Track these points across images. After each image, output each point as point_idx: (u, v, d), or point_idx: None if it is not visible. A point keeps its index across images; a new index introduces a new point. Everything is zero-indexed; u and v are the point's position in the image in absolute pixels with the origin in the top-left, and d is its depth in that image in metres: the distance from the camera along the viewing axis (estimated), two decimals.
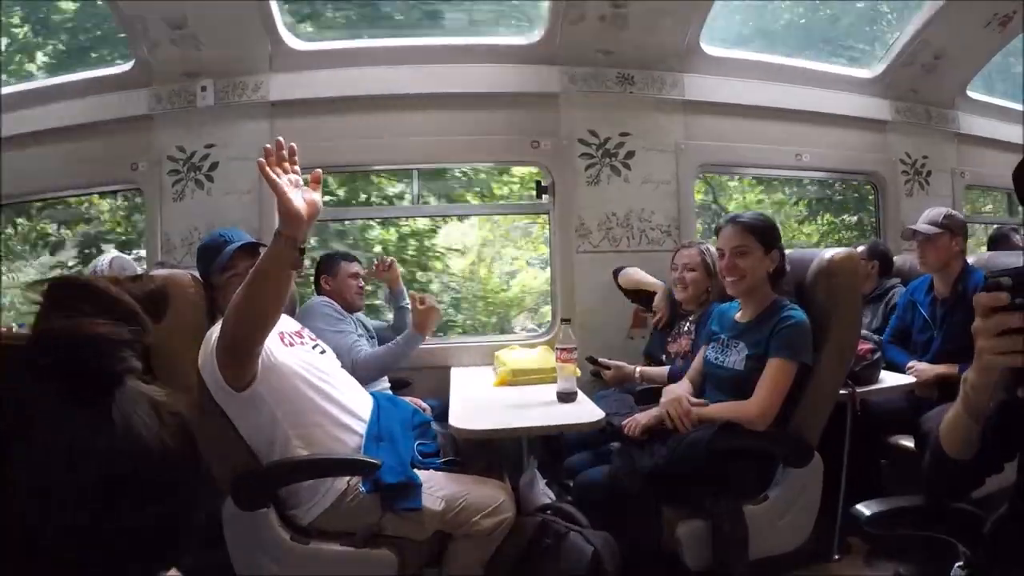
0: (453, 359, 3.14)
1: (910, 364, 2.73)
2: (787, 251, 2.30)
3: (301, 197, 1.60)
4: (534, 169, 3.47)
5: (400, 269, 3.16)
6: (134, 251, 3.84)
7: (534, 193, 3.33)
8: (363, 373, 2.55)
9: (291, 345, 2.02)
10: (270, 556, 1.90)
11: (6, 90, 3.33)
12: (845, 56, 3.85)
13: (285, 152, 1.64)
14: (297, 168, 1.64)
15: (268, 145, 1.62)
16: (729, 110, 3.46)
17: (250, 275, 1.66)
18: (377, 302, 3.81)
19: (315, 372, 1.99)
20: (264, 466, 1.91)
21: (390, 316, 3.23)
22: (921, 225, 2.82)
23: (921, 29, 3.55)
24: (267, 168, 1.59)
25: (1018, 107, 4.27)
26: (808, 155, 3.61)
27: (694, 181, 3.49)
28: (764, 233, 2.19)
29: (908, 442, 2.63)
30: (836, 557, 2.47)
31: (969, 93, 4.08)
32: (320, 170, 1.72)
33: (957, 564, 1.24)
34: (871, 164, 3.84)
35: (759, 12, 3.70)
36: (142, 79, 3.23)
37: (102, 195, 4.12)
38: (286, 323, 2.12)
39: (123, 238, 4.29)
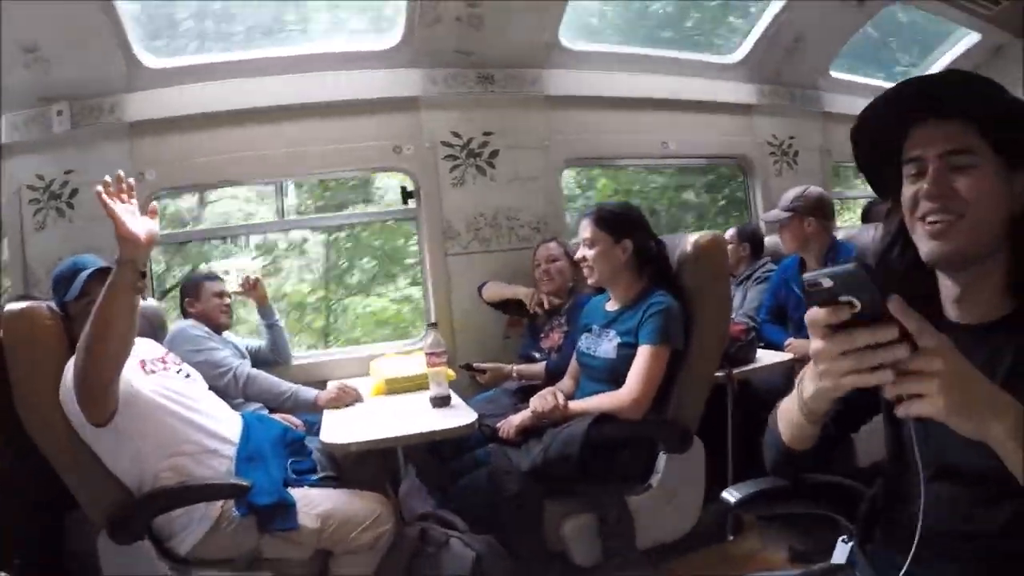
0: (330, 372, 3.10)
1: (788, 341, 2.80)
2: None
3: (137, 223, 1.64)
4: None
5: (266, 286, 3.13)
6: None
7: None
8: (253, 392, 2.59)
9: (152, 372, 1.99)
10: None
11: None
12: (704, 44, 3.93)
13: (124, 186, 1.69)
14: (134, 200, 1.69)
15: (107, 178, 1.68)
16: (593, 103, 3.50)
17: (96, 305, 1.66)
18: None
19: (178, 398, 1.96)
20: (135, 498, 1.87)
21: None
22: (768, 213, 2.94)
23: (780, 12, 3.65)
24: (103, 196, 1.64)
25: (881, 83, 4.42)
26: (674, 143, 3.69)
27: (561, 176, 3.52)
28: (612, 223, 2.21)
29: None
30: (731, 537, 2.50)
31: (832, 73, 4.21)
32: (156, 203, 1.87)
33: (841, 538, 1.23)
34: (738, 148, 3.94)
35: (620, 5, 3.74)
36: None
37: None
38: (148, 349, 2.09)
39: None
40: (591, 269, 2.22)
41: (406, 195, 3.26)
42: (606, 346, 2.21)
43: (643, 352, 2.09)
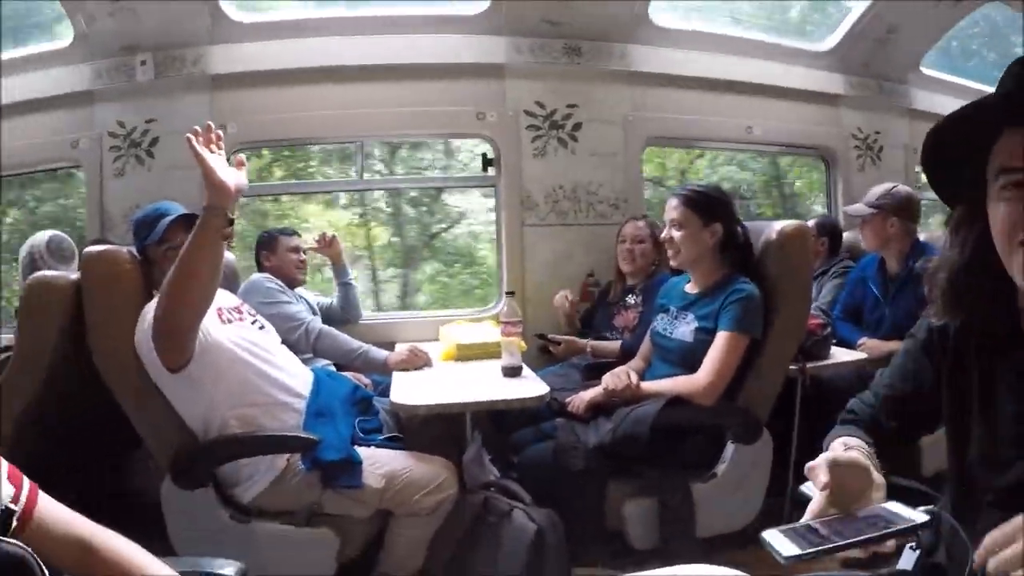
0: (399, 334, 3.09)
1: (861, 340, 2.72)
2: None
3: (227, 171, 1.68)
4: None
5: (343, 245, 3.12)
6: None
7: None
8: (323, 348, 2.58)
9: (229, 322, 1.99)
10: (209, 535, 1.87)
11: None
12: (796, 30, 3.83)
13: (213, 136, 1.73)
14: (223, 150, 1.74)
15: (197, 127, 1.72)
16: (678, 82, 3.42)
17: (182, 251, 1.68)
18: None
19: (253, 349, 1.96)
20: (202, 444, 1.89)
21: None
22: (852, 207, 2.85)
23: (875, 3, 3.54)
24: (194, 142, 1.67)
25: (972, 84, 4.27)
26: (759, 128, 3.59)
27: (642, 154, 3.45)
28: (703, 206, 2.17)
29: None
30: None
31: (922, 69, 4.07)
32: (243, 155, 1.86)
33: (908, 545, 1.22)
34: (823, 138, 3.83)
35: None
36: (81, 54, 3.15)
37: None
38: (224, 299, 2.09)
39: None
40: (677, 251, 2.18)
41: (486, 162, 3.22)
42: (683, 329, 2.19)
43: (721, 338, 2.07)
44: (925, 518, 0.72)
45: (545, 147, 3.23)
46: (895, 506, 0.77)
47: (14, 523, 0.81)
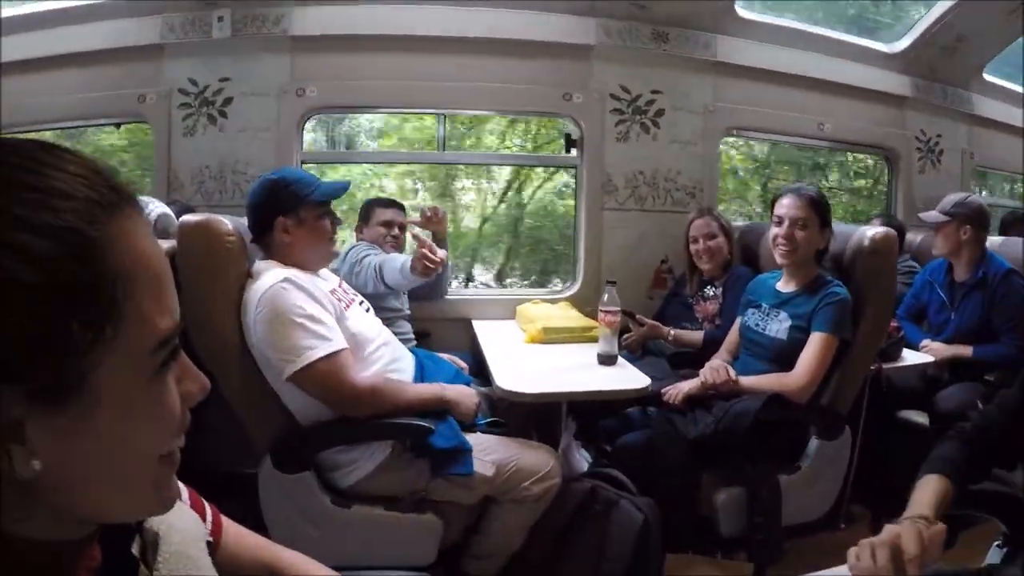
0: (474, 311, 3.08)
1: (924, 343, 2.81)
2: None
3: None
4: None
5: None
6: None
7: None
8: (386, 273, 2.43)
9: (347, 307, 1.93)
10: (309, 520, 1.83)
11: (7, 11, 3.13)
12: (869, 27, 3.84)
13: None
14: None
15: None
16: (757, 75, 3.43)
17: (412, 393, 1.87)
18: None
19: (367, 336, 1.92)
20: (309, 429, 1.84)
21: None
22: (927, 214, 2.91)
23: (948, 11, 3.57)
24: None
25: None
26: (830, 125, 3.62)
27: (720, 143, 3.47)
28: (823, 209, 2.21)
29: (921, 418, 2.71)
30: (843, 526, 2.48)
31: (985, 76, 4.13)
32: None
33: (996, 543, 1.29)
34: (888, 139, 3.87)
35: None
36: (154, 6, 3.05)
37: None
38: (328, 277, 2.02)
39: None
40: (795, 249, 2.19)
41: (569, 143, 3.20)
42: (776, 326, 2.23)
43: (816, 339, 2.12)
44: None
45: (628, 132, 3.22)
46: None
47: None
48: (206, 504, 0.76)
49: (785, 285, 2.28)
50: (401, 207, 2.92)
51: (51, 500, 0.45)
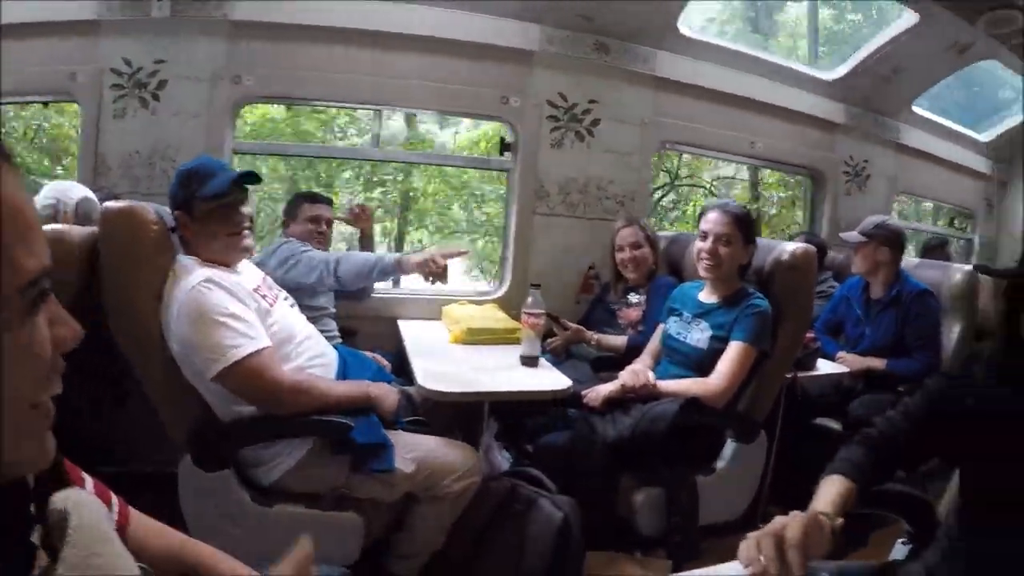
0: (401, 311, 3.09)
1: (840, 354, 2.93)
2: None
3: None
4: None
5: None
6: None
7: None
8: (345, 271, 2.41)
9: (272, 304, 1.91)
10: (229, 518, 1.80)
11: None
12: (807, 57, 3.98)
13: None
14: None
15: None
16: (695, 91, 3.52)
17: (334, 391, 1.86)
18: None
19: (290, 333, 1.92)
20: (230, 425, 1.81)
21: None
22: (847, 234, 3.04)
23: (887, 43, 3.72)
24: None
25: (954, 126, 4.54)
26: (762, 144, 3.75)
27: (653, 156, 3.54)
28: (748, 226, 2.29)
29: (835, 425, 2.84)
30: (760, 525, 2.56)
31: (915, 108, 4.30)
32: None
33: (900, 540, 1.38)
34: (817, 161, 4.02)
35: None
36: None
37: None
38: (253, 275, 1.99)
39: None
40: (719, 263, 2.26)
41: (504, 147, 3.23)
42: (697, 335, 2.29)
43: (735, 348, 2.19)
44: None
45: (563, 139, 3.26)
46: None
47: None
48: (112, 494, 0.76)
49: (707, 296, 2.34)
50: (329, 202, 2.89)
51: None
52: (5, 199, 0.48)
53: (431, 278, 2.31)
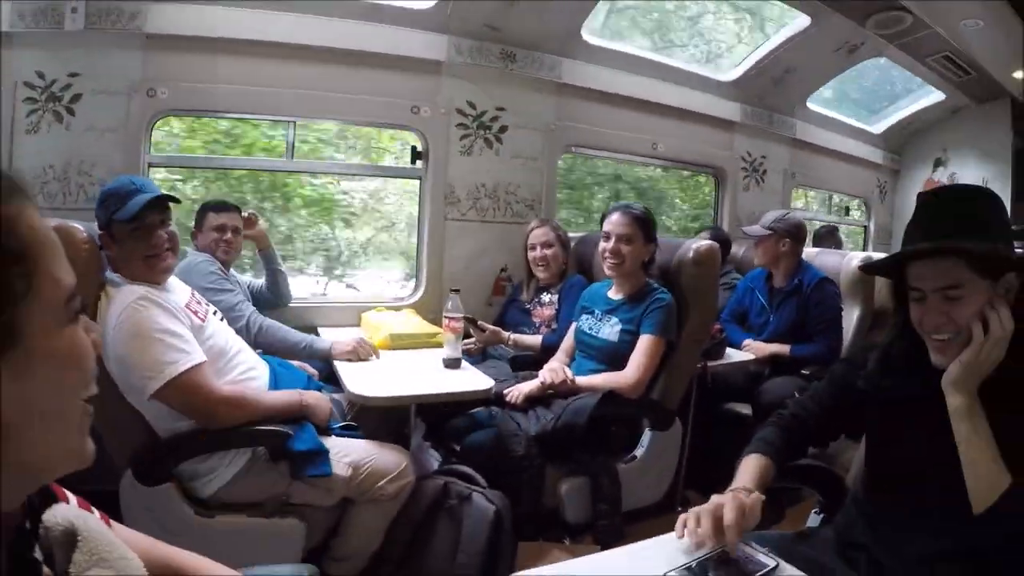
0: (320, 318, 3.16)
1: (746, 342, 3.14)
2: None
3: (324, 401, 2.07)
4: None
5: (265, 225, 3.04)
6: None
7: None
8: (265, 342, 2.49)
9: (203, 320, 1.95)
10: (173, 532, 1.73)
11: None
12: (705, 58, 4.21)
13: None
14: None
15: None
16: (597, 96, 3.71)
17: (267, 400, 1.93)
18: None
19: (223, 348, 1.97)
20: (167, 440, 1.85)
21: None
22: (750, 228, 3.25)
23: (780, 46, 3.97)
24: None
25: (848, 120, 4.86)
26: (663, 145, 3.97)
27: (559, 160, 3.72)
28: (648, 225, 2.46)
29: (745, 409, 3.05)
30: (679, 509, 2.74)
31: (808, 104, 4.59)
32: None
33: (814, 511, 1.59)
34: (716, 159, 4.28)
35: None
36: None
37: None
38: (182, 292, 2.01)
39: None
40: (622, 262, 2.44)
41: (415, 155, 3.36)
42: (608, 330, 2.48)
43: (645, 341, 2.38)
44: (774, 563, 1.03)
45: (472, 146, 3.41)
46: (750, 548, 1.07)
47: None
48: (93, 510, 0.78)
49: (615, 293, 2.52)
50: (236, 209, 2.87)
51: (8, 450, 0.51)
52: (38, 229, 0.56)
53: (363, 358, 2.49)
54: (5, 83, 2.94)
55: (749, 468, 1.28)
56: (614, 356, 2.43)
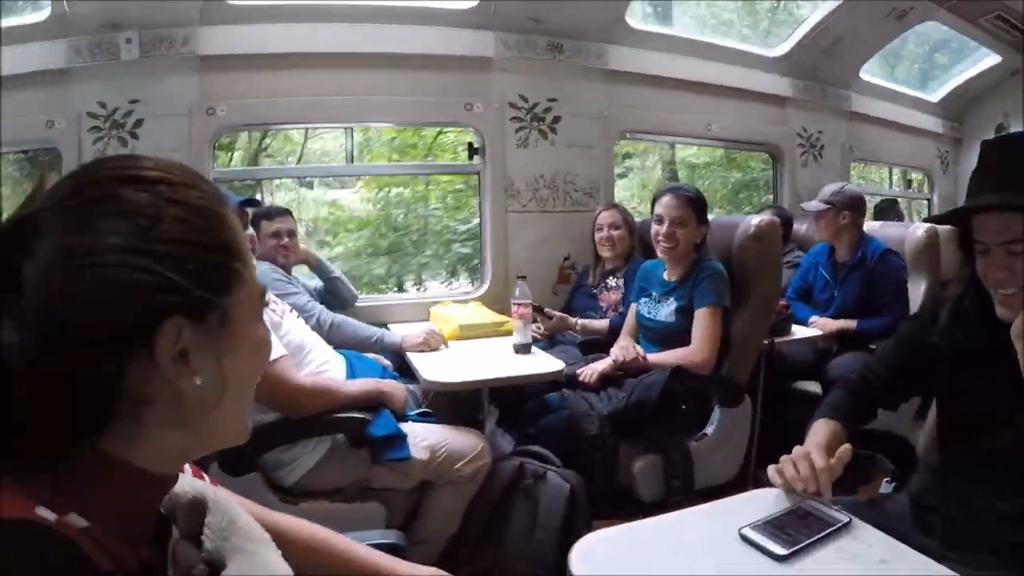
0: (388, 315, 3.18)
1: (812, 319, 3.05)
2: (714, 217, 2.55)
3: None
4: None
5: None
6: None
7: None
8: (338, 337, 2.52)
9: (281, 317, 2.02)
10: None
11: None
12: (753, 36, 4.15)
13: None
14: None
15: None
16: (647, 80, 3.68)
17: (345, 388, 1.98)
18: None
19: (301, 345, 2.02)
20: (253, 430, 1.88)
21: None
22: (808, 203, 3.18)
23: (826, 17, 3.90)
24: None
25: (903, 90, 4.73)
26: (717, 126, 3.91)
27: (615, 146, 3.69)
28: (700, 207, 2.43)
29: (814, 387, 2.94)
30: (751, 488, 2.68)
31: (862, 75, 4.48)
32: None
33: (886, 480, 1.53)
34: (772, 136, 4.19)
35: None
36: (59, 29, 3.04)
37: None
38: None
39: None
40: (676, 244, 2.40)
41: (472, 151, 3.37)
42: (665, 311, 2.46)
43: (700, 315, 2.34)
44: (847, 519, 1.01)
45: (527, 138, 3.41)
46: (817, 503, 1.06)
47: None
48: (204, 475, 0.82)
49: (670, 275, 2.49)
50: (287, 212, 2.94)
51: (189, 418, 0.58)
52: (240, 230, 0.62)
53: (434, 349, 2.53)
54: (70, 115, 3.07)
55: (819, 432, 1.26)
56: (674, 336, 2.41)
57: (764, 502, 1.09)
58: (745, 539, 0.97)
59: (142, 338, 0.53)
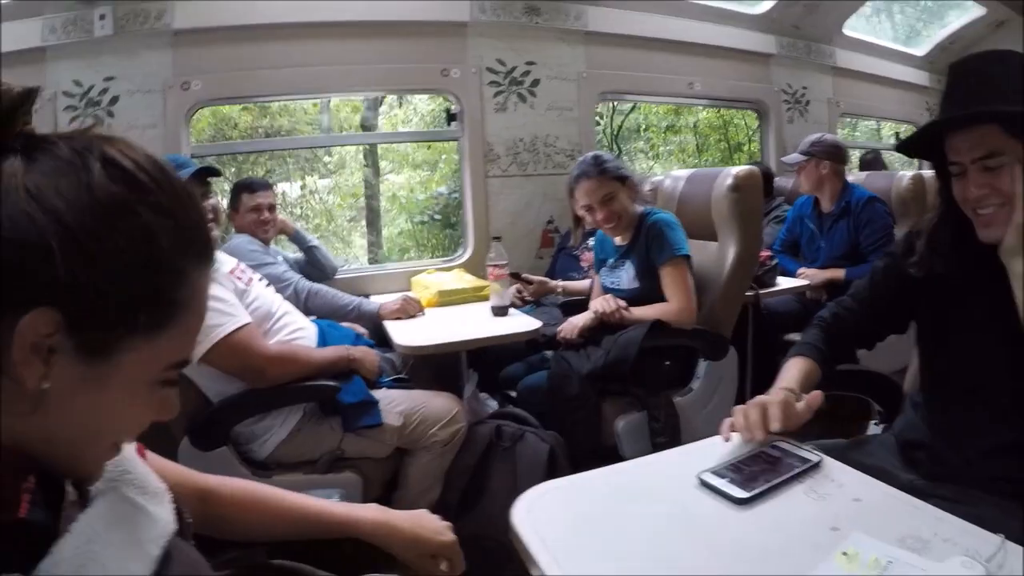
0: (371, 286, 3.17)
1: (800, 270, 3.05)
2: (694, 170, 2.50)
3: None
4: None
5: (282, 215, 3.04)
6: None
7: None
8: (315, 306, 2.52)
9: (247, 284, 1.98)
10: None
11: None
12: None
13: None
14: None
15: None
16: (628, 42, 3.64)
17: (315, 356, 1.94)
18: None
19: (268, 312, 1.99)
20: (222, 403, 1.88)
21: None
22: (788, 157, 3.16)
23: None
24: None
25: (887, 44, 4.68)
26: (699, 84, 3.88)
27: (595, 107, 3.66)
28: (616, 173, 2.32)
29: None
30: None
31: (844, 31, 4.43)
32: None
33: (873, 422, 1.52)
34: (756, 93, 4.16)
35: None
36: (32, 6, 3.01)
37: None
38: (226, 260, 2.02)
39: None
40: (619, 221, 2.33)
41: (450, 117, 3.34)
42: (625, 276, 2.39)
43: (667, 272, 2.27)
44: (817, 459, 0.99)
45: (506, 102, 3.38)
46: (786, 444, 1.04)
47: None
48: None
49: (621, 240, 2.42)
50: (268, 186, 2.90)
51: (38, 422, 0.53)
52: (197, 297, 0.59)
53: (412, 316, 2.50)
54: (46, 95, 3.03)
55: (792, 370, 1.25)
56: (641, 300, 2.34)
57: (730, 447, 1.07)
58: (704, 484, 0.94)
59: (16, 307, 0.49)
